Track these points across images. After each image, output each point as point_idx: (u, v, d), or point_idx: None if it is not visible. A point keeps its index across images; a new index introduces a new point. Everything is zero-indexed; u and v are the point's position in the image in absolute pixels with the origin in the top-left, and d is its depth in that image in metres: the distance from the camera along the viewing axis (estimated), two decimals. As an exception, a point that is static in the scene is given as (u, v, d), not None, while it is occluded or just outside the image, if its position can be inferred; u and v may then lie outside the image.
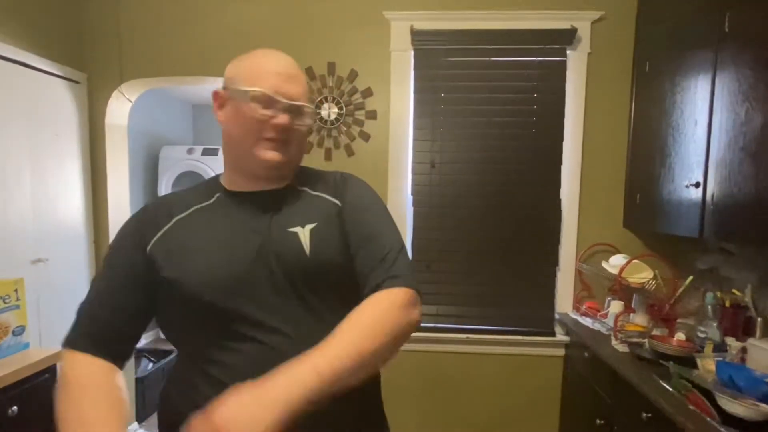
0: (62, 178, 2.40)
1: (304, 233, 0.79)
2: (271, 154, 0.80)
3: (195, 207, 0.85)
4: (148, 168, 3.96)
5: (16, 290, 1.63)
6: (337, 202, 0.86)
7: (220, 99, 0.84)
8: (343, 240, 0.82)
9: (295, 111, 0.80)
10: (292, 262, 0.77)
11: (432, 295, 2.44)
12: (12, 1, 2.11)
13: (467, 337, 2.41)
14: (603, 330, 2.09)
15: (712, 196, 1.58)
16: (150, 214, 0.85)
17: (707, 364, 1.51)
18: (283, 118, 0.78)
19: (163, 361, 3.08)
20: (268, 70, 0.80)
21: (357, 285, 0.79)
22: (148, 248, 0.80)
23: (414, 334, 2.64)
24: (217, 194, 0.86)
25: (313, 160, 2.42)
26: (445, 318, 2.45)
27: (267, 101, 0.78)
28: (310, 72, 2.41)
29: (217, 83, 2.60)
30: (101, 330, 0.78)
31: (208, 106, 4.46)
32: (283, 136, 0.80)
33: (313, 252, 0.78)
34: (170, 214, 0.84)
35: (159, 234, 0.81)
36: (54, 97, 2.35)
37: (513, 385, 2.42)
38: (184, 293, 0.76)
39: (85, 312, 0.80)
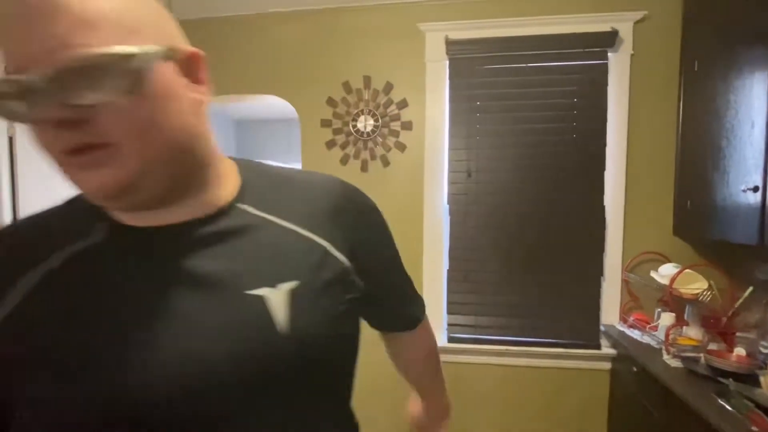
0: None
1: (276, 297, 0.48)
2: (87, 181, 0.43)
3: (70, 251, 0.48)
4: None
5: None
6: (341, 258, 0.54)
7: None
8: (335, 308, 0.52)
9: (68, 79, 0.38)
10: (257, 346, 0.46)
11: (470, 305, 2.40)
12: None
13: (507, 349, 2.35)
14: (653, 343, 1.99)
15: (773, 201, 1.48)
16: None
17: (771, 383, 1.40)
18: (46, 112, 0.39)
19: None
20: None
21: (348, 367, 0.57)
22: None
23: (451, 346, 2.58)
24: (98, 226, 0.49)
25: (350, 171, 2.45)
26: (483, 329, 2.40)
27: (11, 91, 0.38)
28: (347, 86, 2.46)
29: (257, 100, 2.72)
30: None
31: (250, 122, 4.64)
32: (84, 139, 0.40)
33: (292, 327, 0.47)
34: (27, 262, 0.47)
35: (13, 300, 0.45)
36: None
37: (556, 399, 2.33)
38: (71, 417, 0.42)
39: None
